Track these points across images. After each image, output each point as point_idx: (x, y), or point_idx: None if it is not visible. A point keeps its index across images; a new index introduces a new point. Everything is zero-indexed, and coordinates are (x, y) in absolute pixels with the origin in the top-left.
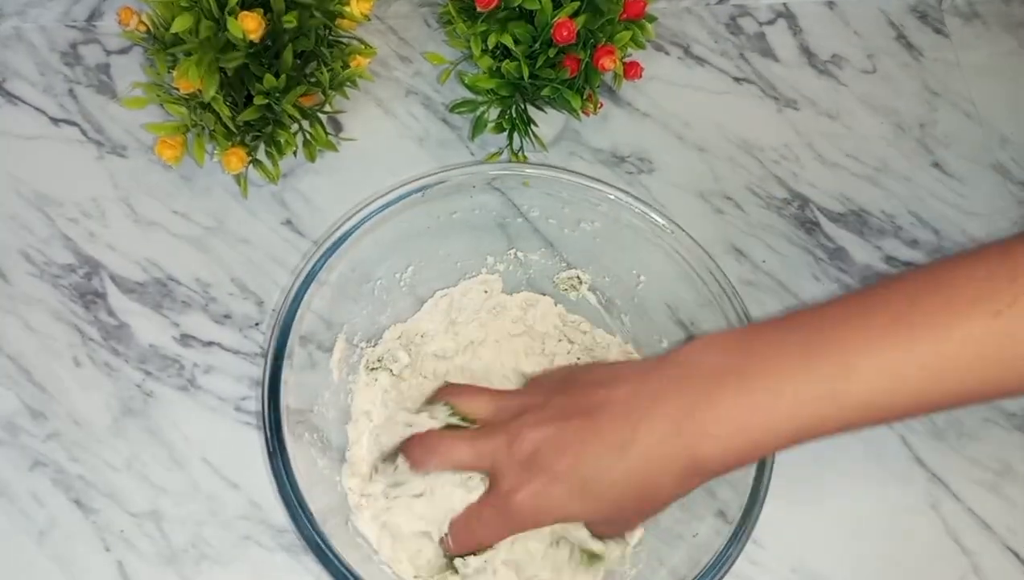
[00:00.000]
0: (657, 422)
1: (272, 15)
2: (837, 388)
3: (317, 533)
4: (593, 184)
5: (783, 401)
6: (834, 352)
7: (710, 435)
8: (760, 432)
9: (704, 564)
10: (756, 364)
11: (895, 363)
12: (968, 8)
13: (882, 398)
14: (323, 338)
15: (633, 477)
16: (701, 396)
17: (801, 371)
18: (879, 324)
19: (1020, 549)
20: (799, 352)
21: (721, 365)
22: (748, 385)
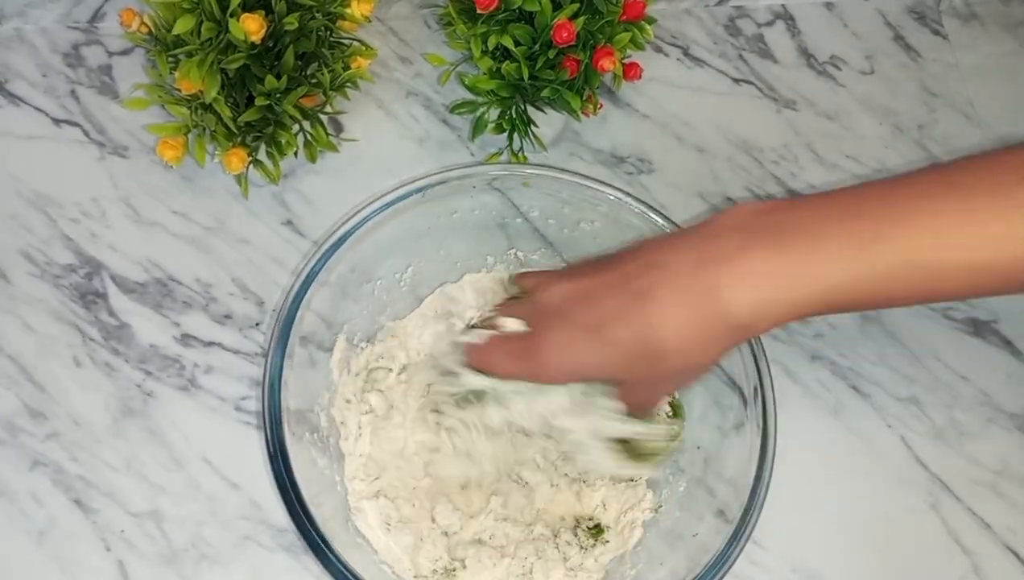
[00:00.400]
0: (682, 273)
1: (273, 17)
2: (881, 251)
3: (317, 533)
4: (593, 184)
5: (820, 260)
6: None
7: (737, 290)
8: (792, 293)
9: (704, 564)
10: (793, 225)
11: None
12: (966, 9)
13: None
14: (323, 338)
15: (650, 324)
16: (731, 247)
17: (840, 233)
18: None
19: (1020, 549)
20: (840, 214)
21: (755, 224)
22: (781, 243)
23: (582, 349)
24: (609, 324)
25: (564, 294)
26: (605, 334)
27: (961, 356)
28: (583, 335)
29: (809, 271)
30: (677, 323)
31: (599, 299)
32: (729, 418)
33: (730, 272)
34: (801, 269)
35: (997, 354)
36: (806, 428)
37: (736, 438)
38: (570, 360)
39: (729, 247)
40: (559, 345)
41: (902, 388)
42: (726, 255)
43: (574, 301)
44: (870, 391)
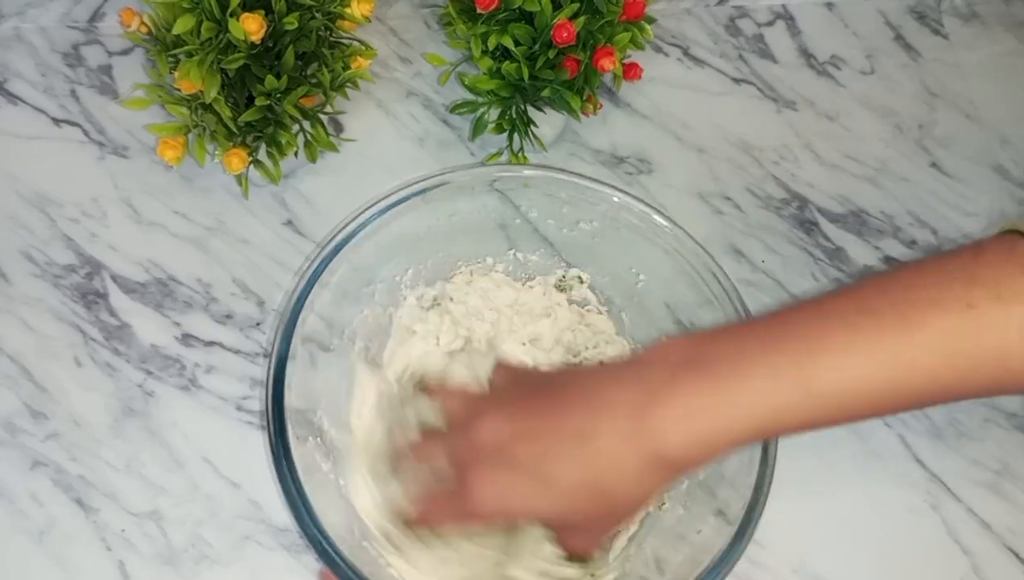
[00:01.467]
0: (618, 412)
1: (273, 16)
2: (799, 380)
3: (320, 533)
4: (593, 184)
5: (744, 392)
6: (797, 344)
7: (670, 426)
8: (720, 423)
9: (705, 565)
10: (718, 356)
11: (859, 356)
12: (967, 8)
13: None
14: (325, 339)
15: (592, 469)
16: (661, 385)
17: (762, 364)
18: (844, 319)
19: (1020, 549)
20: (761, 346)
21: (683, 357)
22: (708, 375)
23: (524, 492)
24: (553, 467)
25: (498, 432)
26: (549, 477)
27: None
28: (525, 478)
29: (735, 408)
30: (619, 463)
31: (536, 438)
32: None
33: (663, 412)
34: (728, 407)
35: None
36: None
37: None
38: (510, 504)
39: (660, 386)
40: (498, 489)
41: None
42: (659, 395)
43: (511, 442)
44: None
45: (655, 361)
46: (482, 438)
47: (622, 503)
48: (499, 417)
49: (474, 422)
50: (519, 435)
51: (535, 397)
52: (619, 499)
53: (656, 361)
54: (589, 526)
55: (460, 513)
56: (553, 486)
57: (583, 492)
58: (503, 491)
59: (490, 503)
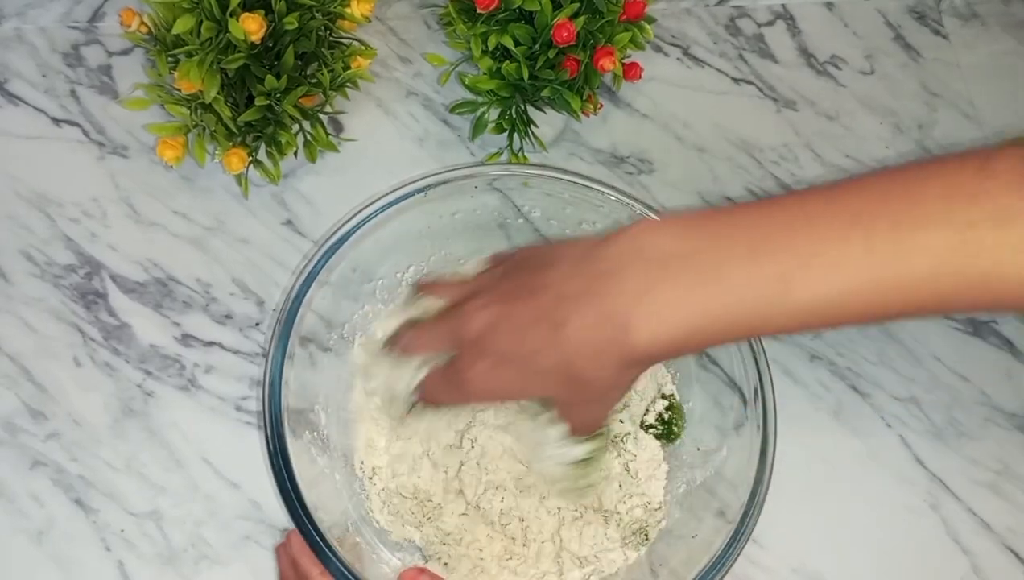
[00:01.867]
0: (593, 303)
1: (273, 16)
2: (785, 282)
3: (317, 532)
4: (594, 185)
5: (726, 289)
6: (786, 244)
7: (644, 318)
8: (698, 318)
9: (704, 564)
10: (702, 250)
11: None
12: (967, 8)
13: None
14: (324, 338)
15: (567, 356)
16: (636, 280)
17: (749, 260)
18: (836, 230)
19: (1020, 549)
20: (749, 241)
21: (666, 250)
22: (691, 270)
23: (509, 377)
24: (531, 355)
25: (482, 324)
26: (527, 363)
27: (960, 356)
28: (509, 365)
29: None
30: (592, 352)
31: (516, 329)
32: (729, 418)
33: (635, 309)
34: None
35: (996, 354)
36: (806, 428)
37: (736, 438)
38: (495, 388)
39: (634, 281)
40: (486, 376)
41: (901, 388)
42: (631, 290)
43: (493, 331)
44: (869, 391)
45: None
46: (467, 327)
47: (600, 387)
48: (482, 305)
49: (461, 310)
50: (499, 324)
51: (514, 285)
52: (595, 384)
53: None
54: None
55: (456, 394)
56: (530, 371)
57: (557, 376)
58: (488, 377)
59: (479, 387)
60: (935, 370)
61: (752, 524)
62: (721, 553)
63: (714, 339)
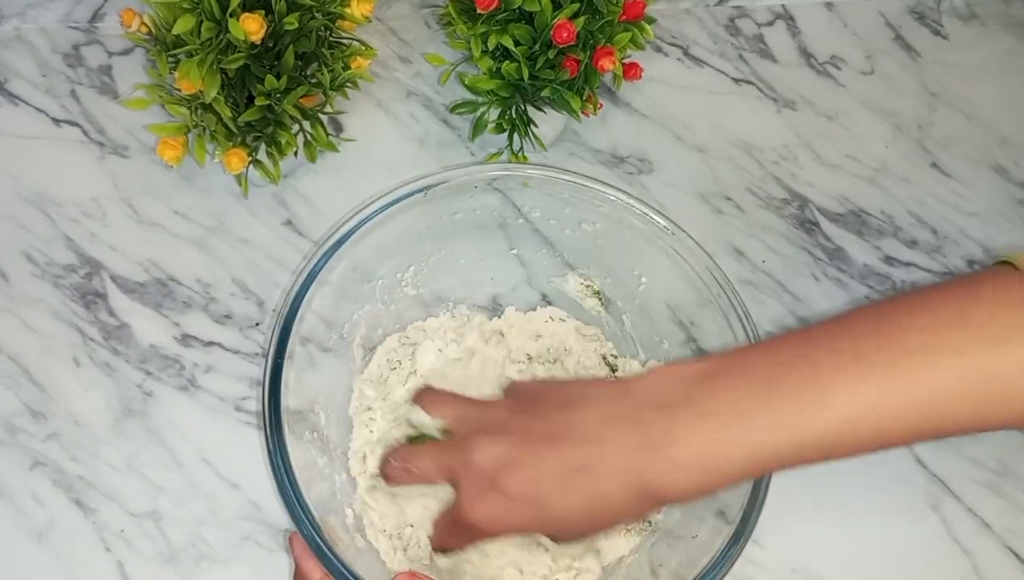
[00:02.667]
0: (616, 452)
1: (273, 16)
2: (794, 427)
3: (316, 532)
4: (594, 185)
5: (739, 437)
6: (792, 390)
7: (666, 469)
8: (715, 465)
9: (704, 564)
10: (715, 398)
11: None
12: (966, 9)
13: (840, 436)
14: (323, 338)
15: (587, 501)
16: (659, 429)
17: (758, 408)
18: (835, 363)
19: (1020, 549)
20: (756, 388)
21: (680, 396)
22: (705, 420)
23: (517, 518)
24: (549, 499)
25: (495, 460)
26: (544, 507)
27: None
28: (520, 506)
29: (728, 457)
30: (616, 500)
31: (534, 470)
32: None
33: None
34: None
35: None
36: None
37: None
38: (503, 527)
39: (658, 430)
40: (494, 515)
41: None
42: (657, 440)
43: (507, 470)
44: None
45: (654, 401)
46: (478, 458)
47: (614, 522)
48: (495, 439)
49: (471, 439)
50: (516, 463)
51: (532, 423)
52: (612, 520)
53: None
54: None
55: (466, 535)
56: (549, 512)
57: (577, 516)
58: (499, 516)
59: (486, 526)
60: None
61: (752, 524)
62: (721, 554)
63: (733, 479)
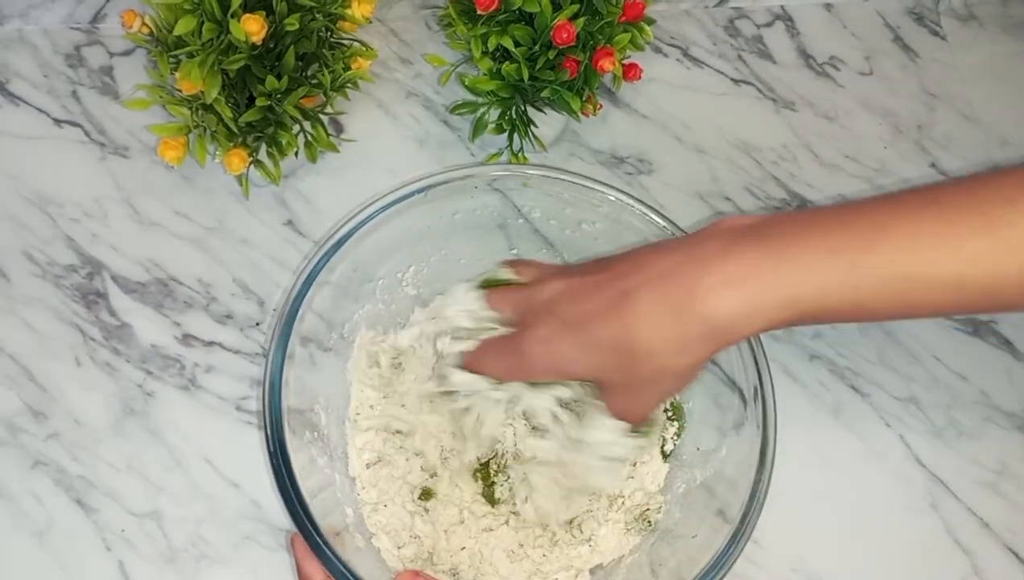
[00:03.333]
0: (664, 271)
1: (274, 17)
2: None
3: (316, 532)
4: (594, 185)
5: (796, 264)
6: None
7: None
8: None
9: (704, 564)
10: (776, 231)
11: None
12: (965, 10)
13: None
14: (324, 338)
15: (628, 323)
16: (713, 251)
17: (820, 240)
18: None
19: (1020, 549)
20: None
21: (741, 231)
22: (762, 244)
23: (565, 345)
24: (591, 321)
25: (554, 290)
26: (587, 331)
27: (960, 356)
28: (566, 331)
29: (787, 278)
30: (655, 323)
31: (585, 297)
32: (729, 418)
33: (709, 274)
34: (779, 275)
35: (996, 354)
36: (805, 428)
37: (736, 438)
38: (553, 356)
39: (711, 251)
40: (543, 340)
41: (901, 388)
42: (708, 258)
43: (562, 297)
44: (869, 391)
45: (710, 233)
46: (541, 296)
47: (658, 367)
48: (559, 279)
49: (538, 283)
50: (570, 293)
51: (596, 264)
52: (653, 361)
53: (711, 233)
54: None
55: (512, 362)
56: (591, 341)
57: (616, 346)
58: (550, 344)
59: (538, 355)
60: (935, 370)
61: (752, 524)
62: (721, 553)
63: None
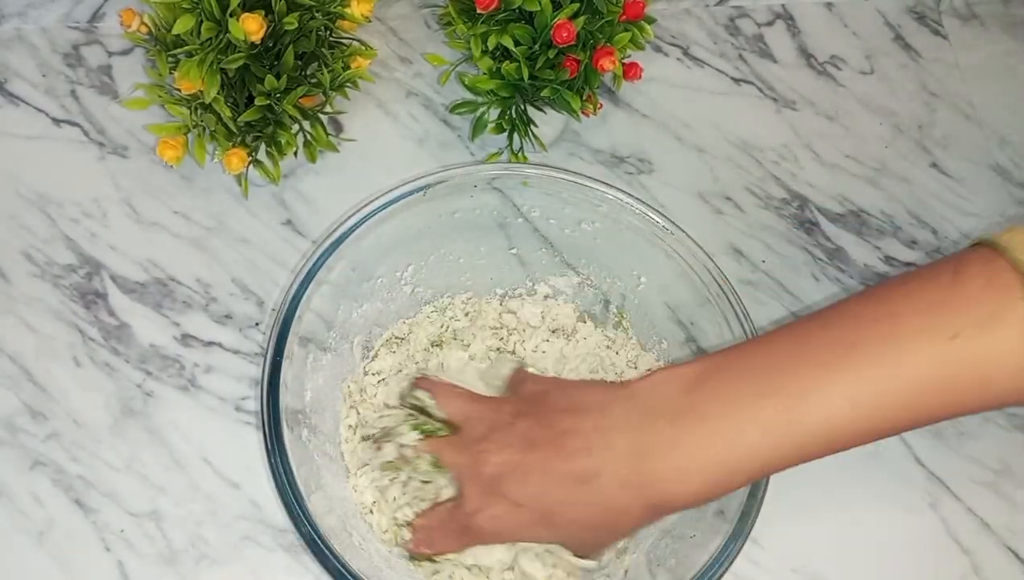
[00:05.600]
0: (618, 462)
1: (273, 16)
2: (789, 429)
3: (315, 531)
4: (593, 184)
5: (740, 441)
6: (785, 388)
7: (669, 478)
8: (718, 472)
9: (703, 563)
10: (712, 404)
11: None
12: (966, 9)
13: (838, 428)
14: (323, 337)
15: (593, 511)
16: (659, 436)
17: (755, 409)
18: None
19: (1020, 549)
20: (753, 390)
21: (679, 401)
22: (705, 427)
23: (521, 524)
24: (553, 506)
25: (501, 468)
26: (548, 514)
27: None
28: (524, 512)
29: (734, 457)
30: (620, 507)
31: (539, 478)
32: None
33: (664, 468)
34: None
35: None
36: None
37: None
38: (508, 532)
39: (659, 438)
40: (498, 521)
41: None
42: (658, 448)
43: (512, 478)
44: None
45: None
46: (486, 470)
47: (619, 532)
48: (501, 448)
49: (479, 450)
50: (520, 471)
51: (536, 423)
52: (617, 529)
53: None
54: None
55: (459, 536)
56: (553, 522)
57: (582, 526)
58: (503, 523)
59: (489, 532)
60: None
61: (751, 524)
62: (719, 553)
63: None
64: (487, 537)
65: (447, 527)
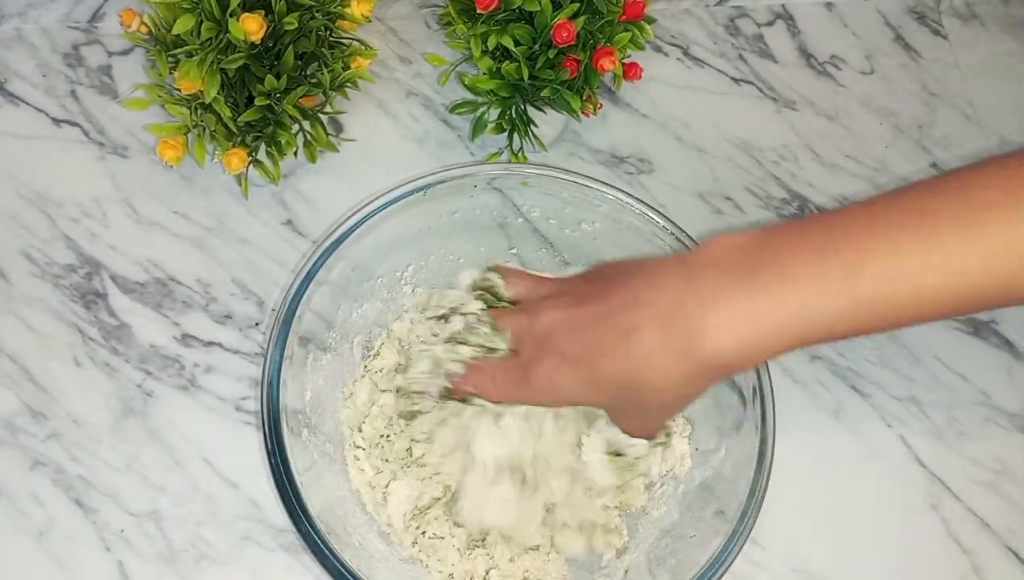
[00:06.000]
0: (663, 310)
1: (273, 16)
2: (848, 287)
3: (315, 531)
4: (593, 184)
5: (791, 299)
6: (849, 247)
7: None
8: (767, 330)
9: (703, 563)
10: (769, 261)
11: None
12: (966, 9)
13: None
14: (323, 337)
15: (633, 367)
16: (709, 291)
17: (811, 270)
18: (896, 221)
19: (1020, 549)
20: (814, 248)
21: (735, 261)
22: (756, 282)
23: (571, 381)
24: (596, 359)
25: (553, 322)
26: (593, 368)
27: (961, 356)
28: (572, 367)
29: (785, 312)
30: (661, 362)
31: (586, 332)
32: (728, 418)
33: (709, 316)
34: (777, 311)
35: (996, 354)
36: (805, 428)
37: (735, 438)
38: (559, 389)
39: (709, 287)
40: (549, 376)
41: (901, 388)
42: (705, 297)
43: (561, 330)
44: (870, 391)
45: (705, 264)
46: (540, 325)
47: (664, 399)
48: (556, 305)
49: (536, 308)
50: (571, 325)
51: (591, 287)
52: (661, 395)
53: (706, 264)
54: (638, 414)
55: (510, 387)
56: (595, 377)
57: (621, 384)
58: (553, 377)
59: (540, 386)
60: (935, 370)
61: (751, 524)
62: (719, 553)
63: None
64: (540, 390)
65: (499, 372)
